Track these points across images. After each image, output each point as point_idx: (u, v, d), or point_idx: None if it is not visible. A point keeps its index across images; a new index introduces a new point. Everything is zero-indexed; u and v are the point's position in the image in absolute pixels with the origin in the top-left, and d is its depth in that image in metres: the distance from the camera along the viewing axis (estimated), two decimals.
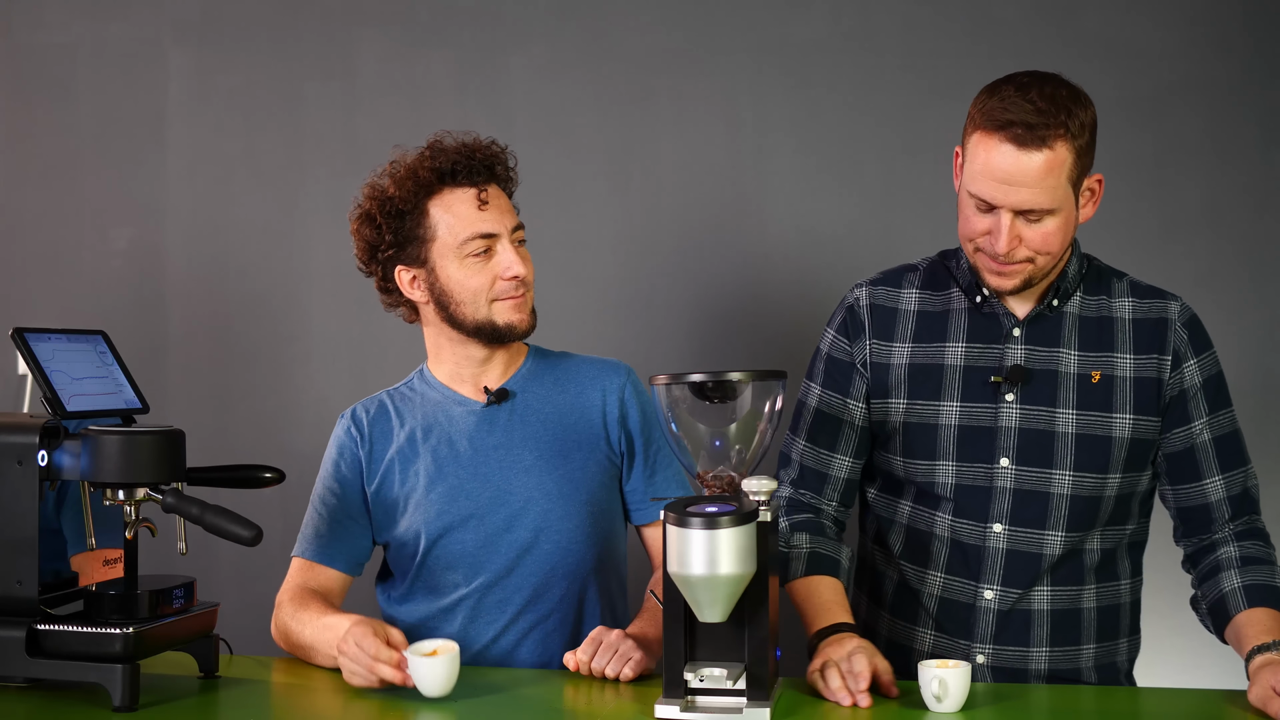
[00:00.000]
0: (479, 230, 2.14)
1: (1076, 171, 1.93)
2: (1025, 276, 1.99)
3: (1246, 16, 2.86)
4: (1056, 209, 1.93)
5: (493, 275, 2.14)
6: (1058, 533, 2.03)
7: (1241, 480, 2.06)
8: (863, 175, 2.94)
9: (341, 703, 1.89)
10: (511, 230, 2.18)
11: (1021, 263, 1.97)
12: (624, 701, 1.85)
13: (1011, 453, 2.04)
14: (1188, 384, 2.04)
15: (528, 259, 2.19)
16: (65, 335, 1.95)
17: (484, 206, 2.15)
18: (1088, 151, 1.94)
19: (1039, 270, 1.99)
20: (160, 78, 3.15)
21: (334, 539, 2.18)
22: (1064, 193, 1.93)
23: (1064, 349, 2.05)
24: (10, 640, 1.80)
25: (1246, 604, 1.95)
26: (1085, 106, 1.94)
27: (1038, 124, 1.89)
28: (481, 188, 2.16)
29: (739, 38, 2.98)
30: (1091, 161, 1.96)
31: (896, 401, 2.10)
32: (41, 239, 3.17)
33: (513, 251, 2.16)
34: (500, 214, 2.17)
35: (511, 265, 2.14)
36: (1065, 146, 1.91)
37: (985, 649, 2.06)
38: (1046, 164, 1.90)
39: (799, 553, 2.07)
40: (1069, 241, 2.00)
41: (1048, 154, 1.90)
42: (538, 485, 2.17)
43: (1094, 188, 1.99)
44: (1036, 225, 1.94)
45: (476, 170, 2.17)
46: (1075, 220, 1.98)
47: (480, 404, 2.21)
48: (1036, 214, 1.93)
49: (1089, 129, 1.94)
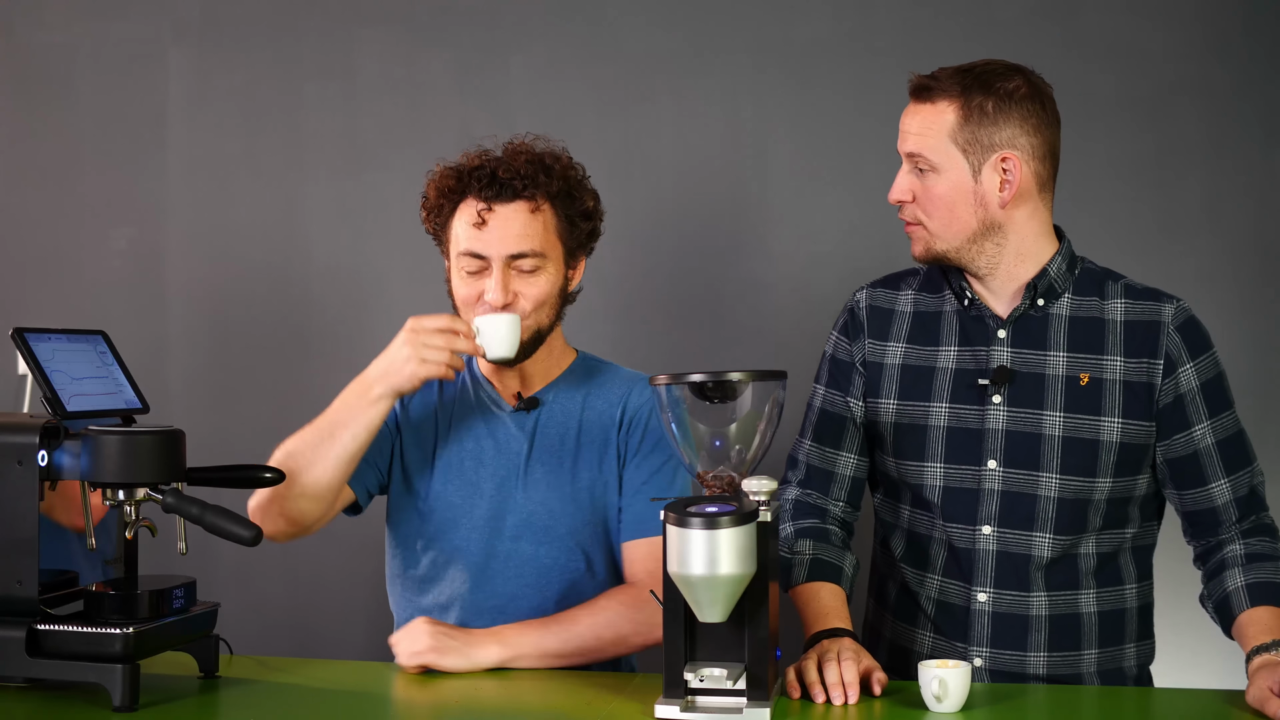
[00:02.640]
0: (469, 249, 2.09)
1: (964, 136, 1.99)
2: (925, 243, 2.06)
3: (1246, 16, 2.86)
4: (938, 164, 2.01)
5: (478, 292, 2.10)
6: (1045, 535, 2.03)
7: (1247, 480, 2.06)
8: (863, 175, 2.94)
9: (342, 702, 1.88)
10: (508, 258, 2.08)
11: (914, 224, 2.06)
12: (624, 701, 1.85)
13: (999, 455, 2.04)
14: (1184, 389, 2.03)
15: (533, 289, 2.10)
16: (65, 335, 1.95)
17: (480, 226, 2.08)
18: (988, 125, 1.99)
19: (934, 238, 2.04)
20: (160, 78, 3.15)
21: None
22: (946, 153, 2.01)
23: (1052, 351, 2.05)
24: (10, 640, 1.79)
25: (1250, 603, 1.95)
26: (1011, 93, 1.99)
27: (932, 85, 2.02)
28: (489, 204, 2.09)
29: (739, 38, 2.98)
30: (1009, 143, 1.99)
31: (888, 402, 2.11)
32: (41, 239, 3.17)
33: (499, 281, 2.07)
34: (498, 239, 2.08)
35: (491, 295, 2.08)
36: (951, 107, 2.00)
37: (982, 652, 2.06)
38: (925, 116, 2.02)
39: (802, 559, 2.07)
40: (968, 217, 2.02)
41: (928, 107, 2.02)
42: (542, 502, 2.15)
43: (1008, 167, 2.00)
44: (924, 180, 2.03)
45: (488, 184, 2.09)
46: (975, 194, 2.01)
47: (510, 408, 2.20)
48: (923, 164, 2.02)
49: (998, 107, 1.98)
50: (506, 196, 2.08)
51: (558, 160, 2.15)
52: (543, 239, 2.10)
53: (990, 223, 2.02)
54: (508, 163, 2.10)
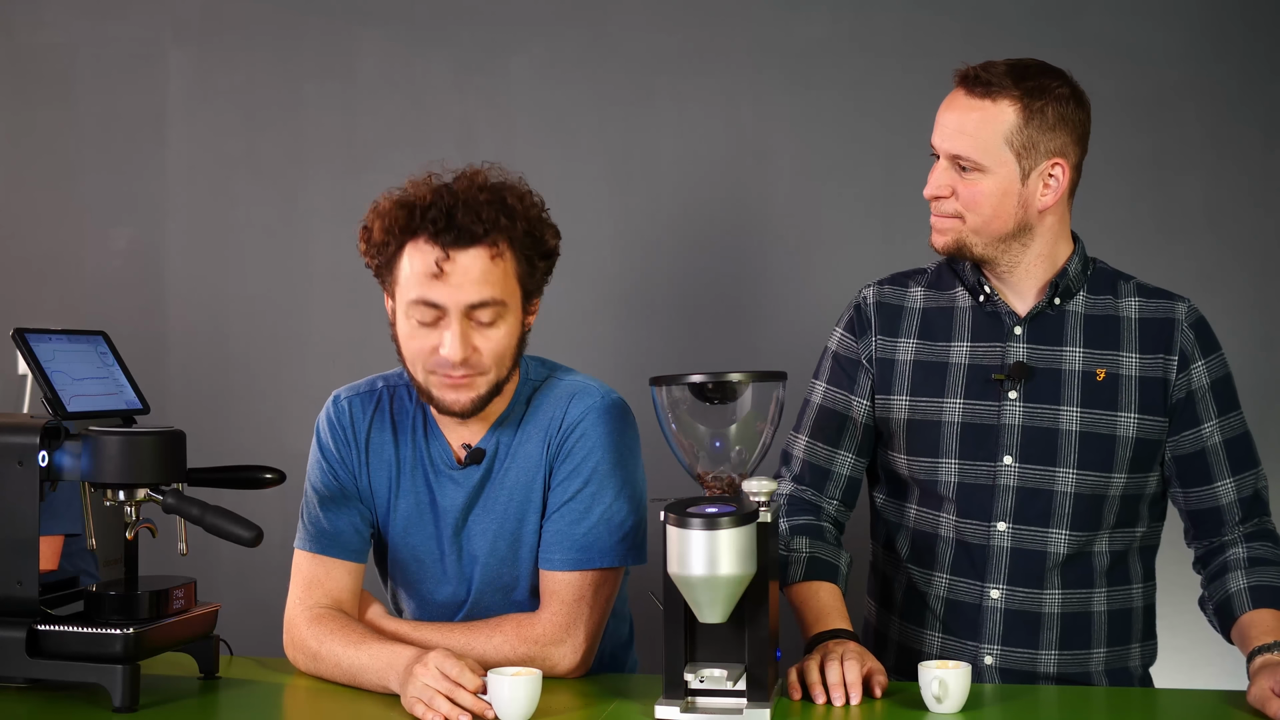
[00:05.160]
0: (424, 297, 1.89)
1: (1021, 140, 1.96)
2: (955, 235, 2.03)
3: (1246, 17, 2.86)
4: (988, 167, 1.97)
5: (433, 346, 1.91)
6: (1062, 531, 2.03)
7: (1252, 482, 2.06)
8: (863, 175, 2.94)
9: (341, 704, 1.88)
10: (468, 307, 1.88)
11: (951, 217, 2.02)
12: (624, 701, 1.85)
13: (1015, 450, 2.04)
14: (1195, 386, 2.04)
15: (491, 342, 1.91)
16: (66, 335, 1.95)
17: (438, 276, 1.87)
18: (1047, 131, 1.97)
19: (968, 232, 2.01)
20: (160, 78, 3.14)
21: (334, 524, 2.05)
22: (998, 154, 1.97)
23: (1068, 347, 2.05)
24: (10, 640, 1.79)
25: (1251, 605, 1.95)
26: (1065, 99, 1.97)
27: (994, 80, 1.96)
28: (447, 251, 1.87)
29: (739, 38, 2.98)
30: (1060, 151, 1.98)
31: (900, 398, 2.10)
32: (41, 239, 3.17)
33: (457, 334, 1.88)
34: (455, 288, 1.88)
35: (448, 350, 1.89)
36: (1012, 107, 1.96)
37: (993, 650, 2.06)
38: (984, 114, 1.96)
39: (798, 557, 2.07)
40: (1007, 218, 2.00)
41: (988, 105, 1.97)
42: (490, 551, 2.05)
43: (1055, 174, 1.99)
44: (968, 179, 1.99)
45: (445, 227, 1.87)
46: (1019, 197, 1.99)
47: (456, 466, 2.04)
48: (969, 163, 1.98)
49: (1057, 114, 1.96)
50: (465, 242, 1.88)
51: (520, 199, 1.94)
52: (503, 286, 1.91)
53: (1025, 225, 2.02)
54: (465, 202, 1.89)
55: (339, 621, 1.99)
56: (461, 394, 1.94)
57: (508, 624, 1.99)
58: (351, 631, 1.96)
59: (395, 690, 1.85)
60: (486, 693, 1.76)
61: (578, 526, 2.00)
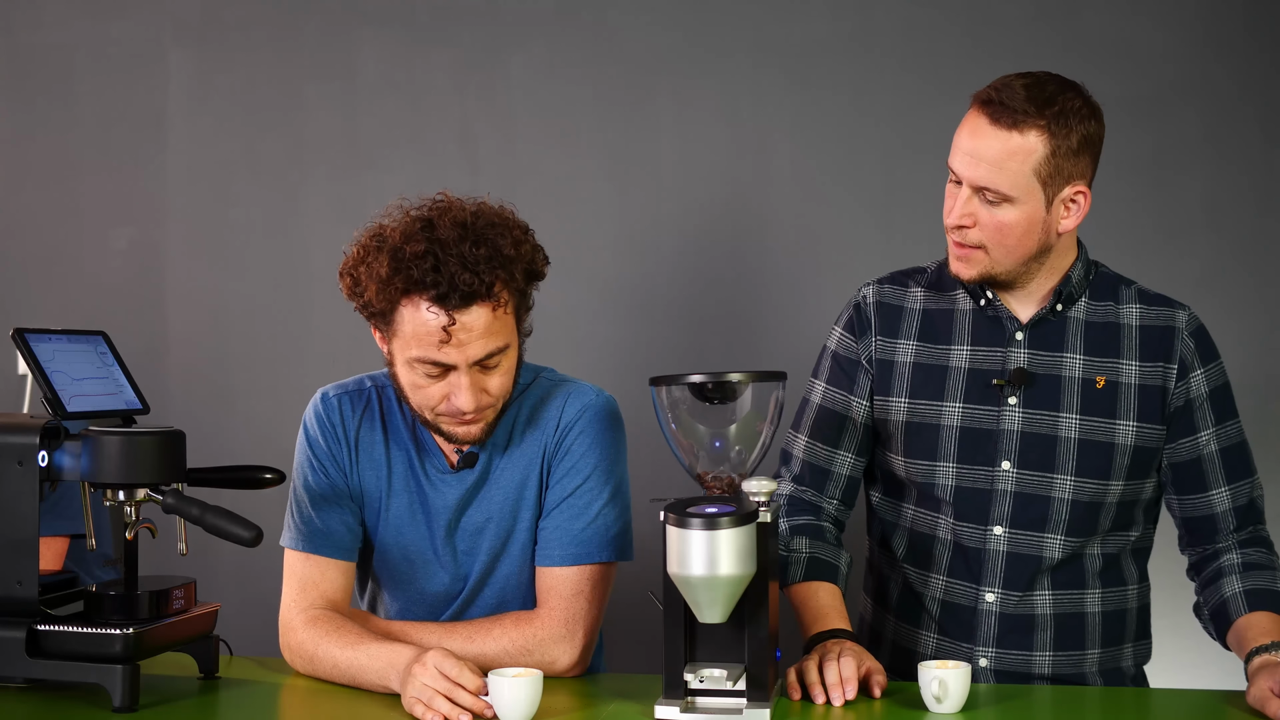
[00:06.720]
0: (431, 358, 1.87)
1: (1048, 169, 1.93)
2: (982, 267, 2.00)
3: (1246, 16, 2.86)
4: (1015, 198, 1.93)
5: (442, 395, 1.90)
6: (1058, 536, 2.03)
7: (1247, 491, 2.06)
8: (863, 175, 2.94)
9: (341, 704, 1.88)
10: (477, 360, 1.88)
11: (975, 248, 1.98)
12: (624, 702, 1.85)
13: (1013, 456, 2.04)
14: (1194, 394, 2.03)
15: (497, 381, 1.91)
16: (65, 335, 1.95)
17: (445, 342, 1.85)
18: (1072, 158, 1.93)
19: (994, 264, 1.99)
20: (160, 78, 3.15)
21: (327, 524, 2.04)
22: (1027, 185, 1.93)
23: (1068, 354, 2.05)
24: (10, 640, 1.79)
25: (1247, 608, 1.95)
26: (1085, 118, 1.94)
27: (1018, 108, 1.91)
28: (452, 316, 1.84)
29: (739, 38, 2.98)
30: (1082, 174, 1.96)
31: (899, 400, 2.10)
32: (41, 239, 3.17)
33: (468, 385, 1.88)
34: (466, 345, 1.86)
35: (461, 401, 1.89)
36: (1040, 138, 1.92)
37: (988, 652, 2.06)
38: (1012, 146, 1.92)
39: (798, 557, 2.07)
40: (1031, 244, 1.97)
41: (1016, 137, 1.91)
42: (488, 550, 2.06)
43: (1077, 200, 1.97)
44: (993, 209, 1.95)
45: (451, 290, 1.83)
46: (1044, 224, 1.96)
47: (449, 470, 2.05)
48: (994, 196, 1.94)
49: (1081, 138, 1.93)
50: (468, 302, 1.85)
51: (514, 244, 1.89)
52: (506, 331, 1.91)
53: (1046, 246, 2.00)
54: (460, 257, 1.83)
55: (335, 622, 1.98)
56: (473, 428, 1.95)
57: (506, 621, 2.00)
58: (349, 632, 1.96)
59: (396, 689, 1.85)
60: (486, 693, 1.76)
61: (577, 522, 2.01)
